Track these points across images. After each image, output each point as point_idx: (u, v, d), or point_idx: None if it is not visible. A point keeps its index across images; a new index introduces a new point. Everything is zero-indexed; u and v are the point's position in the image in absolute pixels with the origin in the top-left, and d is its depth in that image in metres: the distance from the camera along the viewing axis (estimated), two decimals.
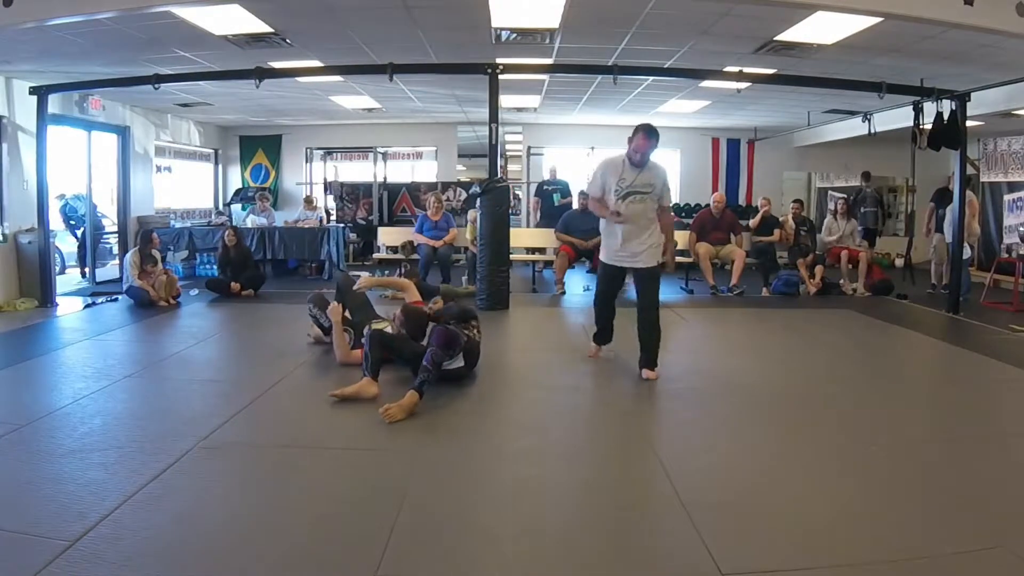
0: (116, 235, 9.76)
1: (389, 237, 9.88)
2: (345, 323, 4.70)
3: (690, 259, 8.34)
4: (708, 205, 9.05)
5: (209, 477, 2.85)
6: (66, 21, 5.16)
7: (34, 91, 6.92)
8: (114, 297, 7.43)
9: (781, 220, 9.02)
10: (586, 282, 8.79)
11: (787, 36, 5.82)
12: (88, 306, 7.03)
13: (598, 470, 3.04)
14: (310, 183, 12.83)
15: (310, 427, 3.55)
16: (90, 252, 8.95)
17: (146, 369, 4.66)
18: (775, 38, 5.91)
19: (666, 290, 6.15)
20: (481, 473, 3.01)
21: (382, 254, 9.77)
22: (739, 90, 7.79)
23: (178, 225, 10.28)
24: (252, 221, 10.00)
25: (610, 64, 6.84)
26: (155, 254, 7.29)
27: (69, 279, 9.05)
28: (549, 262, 9.31)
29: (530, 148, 12.75)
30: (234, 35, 5.99)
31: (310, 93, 9.11)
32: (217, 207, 12.45)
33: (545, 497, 2.74)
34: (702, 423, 3.62)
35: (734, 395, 4.13)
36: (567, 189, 10.58)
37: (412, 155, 13.61)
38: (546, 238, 9.02)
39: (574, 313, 7.16)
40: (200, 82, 7.72)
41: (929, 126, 7.05)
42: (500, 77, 6.76)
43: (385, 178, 12.91)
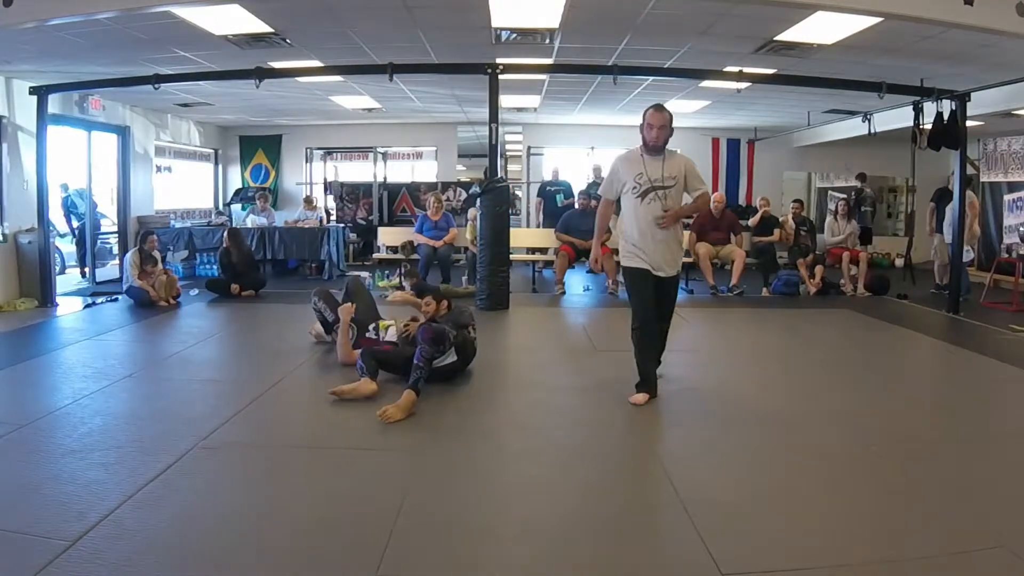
0: (116, 235, 9.77)
1: (389, 237, 9.89)
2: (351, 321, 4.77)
3: (690, 259, 8.33)
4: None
5: (209, 477, 2.85)
6: (66, 21, 5.16)
7: (34, 91, 6.92)
8: (114, 297, 7.43)
9: (781, 220, 9.02)
10: (586, 282, 8.80)
11: (787, 36, 5.82)
12: (88, 306, 7.03)
13: (598, 470, 3.04)
14: (310, 183, 12.82)
15: (310, 427, 3.56)
16: (90, 252, 8.95)
17: (146, 369, 4.66)
18: (775, 38, 5.90)
19: None
20: (481, 473, 3.01)
21: (382, 254, 9.78)
22: (739, 90, 7.78)
23: (178, 225, 10.29)
24: (252, 221, 10.00)
25: (610, 64, 6.84)
26: (155, 254, 7.29)
27: (69, 279, 9.05)
28: (549, 262, 9.32)
29: (530, 148, 12.76)
30: (234, 35, 5.99)
31: (310, 93, 9.11)
32: (217, 207, 12.44)
33: (545, 497, 2.74)
34: (702, 423, 3.62)
35: (734, 395, 4.14)
36: (570, 190, 10.58)
37: (412, 155, 13.61)
38: (546, 238, 9.03)
39: (574, 313, 7.16)
40: (200, 82, 7.72)
41: (929, 126, 7.06)
42: (500, 77, 6.77)
43: (385, 178, 12.91)
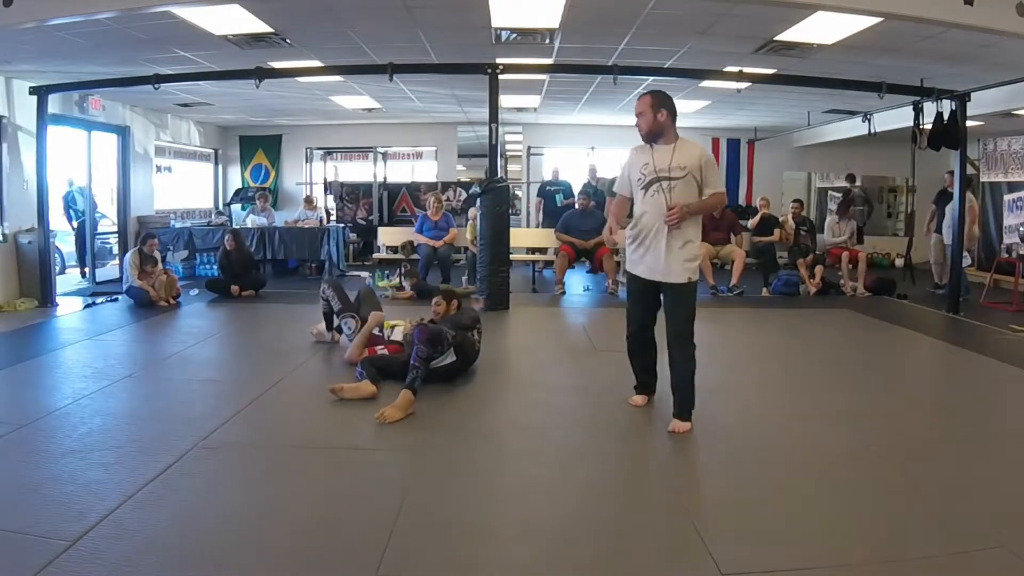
0: (116, 235, 9.77)
1: (389, 237, 9.89)
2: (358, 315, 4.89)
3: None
4: None
5: (209, 477, 2.85)
6: (66, 21, 5.16)
7: (34, 91, 6.91)
8: (114, 297, 7.42)
9: (781, 220, 9.02)
10: (586, 282, 8.79)
11: (787, 36, 5.82)
12: (88, 306, 7.02)
13: (598, 470, 3.04)
14: (310, 183, 12.82)
15: (310, 427, 3.55)
16: (89, 252, 8.95)
17: (146, 369, 4.66)
18: (775, 38, 5.90)
19: None
20: (481, 473, 3.01)
21: (382, 254, 9.78)
22: (739, 90, 7.78)
23: (178, 225, 10.28)
24: (252, 221, 9.99)
25: (610, 64, 6.84)
26: (155, 254, 7.29)
27: (69, 279, 9.04)
28: (549, 262, 9.32)
29: (530, 148, 12.75)
30: (234, 35, 5.99)
31: (310, 93, 9.11)
32: (217, 207, 12.43)
33: (545, 497, 2.74)
34: (701, 423, 3.61)
35: (733, 395, 4.13)
36: (569, 190, 10.57)
37: (412, 155, 13.61)
38: (546, 238, 9.03)
39: (574, 313, 7.16)
40: (200, 82, 7.72)
41: (929, 126, 7.05)
42: (500, 77, 6.77)
43: (385, 178, 12.91)
